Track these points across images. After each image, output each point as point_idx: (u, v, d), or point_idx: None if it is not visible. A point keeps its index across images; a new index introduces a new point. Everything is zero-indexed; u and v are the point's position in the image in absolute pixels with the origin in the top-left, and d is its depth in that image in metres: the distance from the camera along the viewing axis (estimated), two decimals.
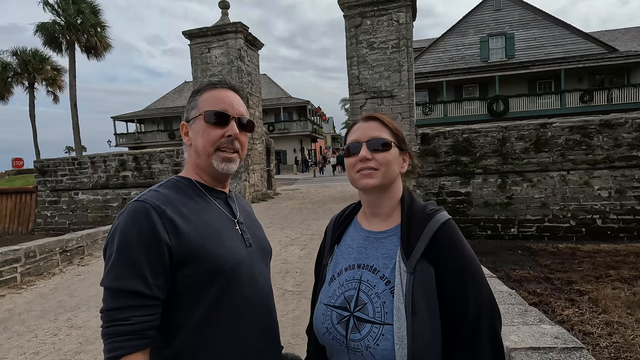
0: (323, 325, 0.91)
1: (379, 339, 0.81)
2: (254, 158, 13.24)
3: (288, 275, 4.84)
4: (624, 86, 19.53)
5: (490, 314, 0.83)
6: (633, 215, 9.01)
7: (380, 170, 0.89)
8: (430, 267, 0.82)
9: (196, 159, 1.00)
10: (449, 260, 0.83)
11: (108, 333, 0.80)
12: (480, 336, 0.81)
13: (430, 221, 0.86)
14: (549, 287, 5.87)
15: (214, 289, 0.88)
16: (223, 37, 12.25)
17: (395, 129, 0.94)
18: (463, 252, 0.84)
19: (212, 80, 1.05)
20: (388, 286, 0.85)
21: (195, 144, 0.98)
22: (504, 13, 21.42)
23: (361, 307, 0.86)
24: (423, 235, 0.84)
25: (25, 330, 3.60)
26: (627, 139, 9.00)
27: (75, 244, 6.27)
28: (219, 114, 0.96)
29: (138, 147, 29.18)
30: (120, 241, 0.83)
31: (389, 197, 0.94)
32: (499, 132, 9.78)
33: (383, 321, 0.83)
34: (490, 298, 0.84)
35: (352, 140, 0.94)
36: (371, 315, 0.84)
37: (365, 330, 0.84)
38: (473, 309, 0.81)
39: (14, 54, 23.28)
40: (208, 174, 1.01)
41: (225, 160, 0.98)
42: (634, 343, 3.82)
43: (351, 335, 0.85)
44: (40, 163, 14.23)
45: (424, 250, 0.83)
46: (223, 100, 0.99)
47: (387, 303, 0.83)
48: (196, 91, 1.02)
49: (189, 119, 1.01)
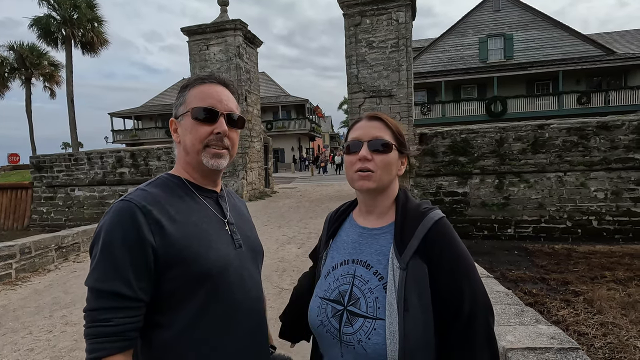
0: (318, 317, 0.92)
1: (370, 333, 0.82)
2: (252, 156, 13.21)
3: (285, 274, 4.84)
4: (622, 88, 19.62)
5: (485, 311, 0.84)
6: (629, 217, 9.07)
7: (378, 172, 0.89)
8: (424, 264, 0.83)
9: (185, 156, 0.97)
10: (443, 258, 0.83)
11: (90, 333, 0.80)
12: (475, 333, 0.82)
13: (424, 219, 0.87)
14: (544, 288, 5.90)
15: (201, 292, 0.87)
16: (222, 35, 12.20)
17: (397, 131, 0.94)
18: (457, 250, 0.85)
19: (200, 75, 1.00)
20: (381, 282, 0.86)
21: (184, 141, 0.96)
22: (503, 14, 21.46)
23: (354, 302, 0.87)
24: (417, 232, 0.85)
25: (20, 327, 3.58)
26: (623, 141, 9.05)
27: (71, 241, 6.24)
28: (207, 110, 0.93)
29: (135, 144, 29.10)
30: (104, 241, 0.82)
31: (385, 197, 0.94)
32: (496, 133, 9.81)
33: (375, 316, 0.83)
34: (484, 295, 0.85)
35: (353, 138, 0.93)
36: (364, 310, 0.85)
37: (357, 324, 0.85)
38: (468, 306, 0.81)
39: (11, 48, 23.08)
40: (198, 172, 0.99)
41: (215, 156, 0.95)
42: (628, 344, 3.84)
43: (344, 328, 0.86)
44: (37, 159, 14.13)
45: (417, 247, 0.84)
46: (211, 95, 0.95)
47: (380, 298, 0.84)
48: (185, 86, 0.99)
49: (178, 115, 0.97)
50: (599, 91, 19.85)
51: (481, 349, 0.82)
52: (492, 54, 21.61)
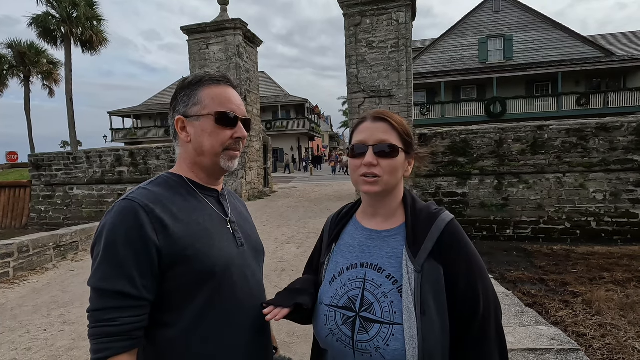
0: (326, 327, 0.87)
1: (389, 339, 0.80)
2: (251, 156, 13.20)
3: (284, 274, 4.83)
4: (621, 90, 19.66)
5: (495, 304, 0.85)
6: (627, 218, 9.08)
7: (384, 177, 0.87)
8: (439, 266, 0.82)
9: (197, 157, 0.96)
10: (459, 259, 0.83)
11: (95, 334, 0.79)
12: (489, 331, 0.83)
13: (436, 220, 0.86)
14: (543, 289, 5.90)
15: (204, 291, 0.86)
16: (222, 34, 12.18)
17: (404, 131, 0.91)
18: (470, 251, 0.85)
19: (211, 74, 0.97)
20: (395, 285, 0.84)
21: (200, 142, 0.94)
22: (502, 15, 21.47)
23: (367, 307, 0.84)
24: (430, 234, 0.84)
25: (18, 326, 3.56)
26: (622, 142, 9.06)
27: (69, 239, 6.22)
28: (230, 115, 0.94)
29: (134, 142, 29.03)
30: (107, 241, 0.81)
31: (391, 198, 0.92)
32: (496, 134, 9.81)
33: (392, 321, 0.81)
34: (494, 293, 0.87)
35: (358, 141, 0.90)
36: (379, 315, 0.82)
37: (374, 330, 0.82)
38: (483, 306, 0.82)
39: (10, 46, 23.02)
40: (206, 172, 0.98)
41: (232, 158, 0.97)
42: (626, 345, 3.85)
43: (358, 336, 0.83)
44: (35, 157, 14.09)
45: (431, 249, 0.83)
46: (230, 100, 0.95)
47: (396, 302, 0.82)
48: (194, 83, 0.95)
49: (189, 114, 0.94)
50: (598, 92, 19.87)
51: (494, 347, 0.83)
52: (492, 55, 21.63)
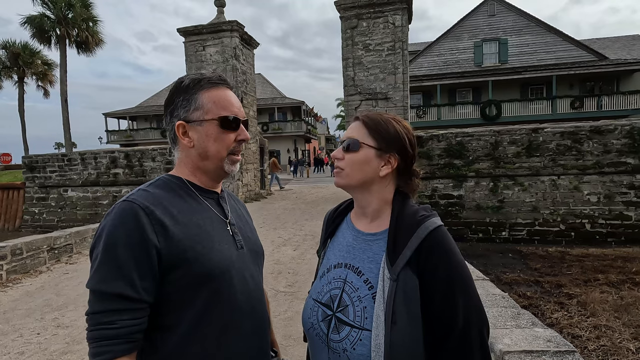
0: (309, 320, 0.91)
1: (356, 344, 0.81)
2: (248, 157, 13.18)
3: (280, 276, 4.81)
4: (614, 93, 19.90)
5: (479, 323, 0.81)
6: (621, 220, 9.16)
7: (347, 170, 0.90)
8: (414, 276, 0.79)
9: (200, 161, 0.95)
10: (437, 269, 0.80)
11: (93, 337, 0.78)
12: (469, 346, 0.79)
13: (418, 228, 0.82)
14: (538, 291, 5.93)
15: (204, 293, 0.86)
16: (218, 36, 12.17)
17: (377, 129, 0.90)
18: (452, 261, 0.81)
19: (207, 75, 0.95)
20: (370, 291, 0.84)
21: (205, 147, 0.93)
22: (498, 19, 21.68)
23: (343, 309, 0.86)
24: (410, 242, 0.81)
25: (10, 330, 3.52)
26: (616, 145, 9.15)
27: (63, 242, 6.16)
28: (234, 119, 0.94)
29: (130, 144, 28.89)
30: (107, 242, 0.81)
31: (369, 195, 0.92)
32: (491, 136, 9.87)
33: (362, 326, 0.82)
34: (479, 307, 0.82)
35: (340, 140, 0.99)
36: (351, 319, 0.84)
37: (344, 332, 0.84)
38: (462, 319, 0.79)
39: (4, 47, 22.87)
40: (209, 176, 0.98)
41: (234, 162, 0.98)
42: (621, 346, 3.87)
43: (332, 335, 0.86)
44: (29, 159, 13.96)
45: (409, 258, 0.80)
46: (231, 103, 0.95)
47: (368, 308, 0.82)
48: (192, 86, 0.93)
49: (191, 119, 0.92)
50: (591, 96, 20.10)
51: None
52: (487, 58, 21.81)
